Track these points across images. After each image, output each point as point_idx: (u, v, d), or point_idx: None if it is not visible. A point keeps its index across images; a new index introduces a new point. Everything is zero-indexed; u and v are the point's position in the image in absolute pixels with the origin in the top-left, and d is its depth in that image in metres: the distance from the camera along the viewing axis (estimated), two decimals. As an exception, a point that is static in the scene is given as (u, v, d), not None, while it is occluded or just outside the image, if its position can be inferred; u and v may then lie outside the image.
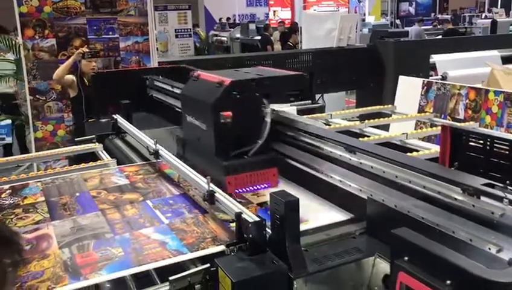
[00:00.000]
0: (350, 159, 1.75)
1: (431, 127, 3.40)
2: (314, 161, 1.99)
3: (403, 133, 2.83)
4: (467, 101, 3.67)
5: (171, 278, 1.40)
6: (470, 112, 3.65)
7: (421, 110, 3.94)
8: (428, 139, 3.29)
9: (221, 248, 1.51)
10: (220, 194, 1.73)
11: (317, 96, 5.67)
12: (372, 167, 1.63)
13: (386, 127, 3.56)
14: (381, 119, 3.39)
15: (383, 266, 1.45)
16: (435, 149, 2.51)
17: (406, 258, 0.95)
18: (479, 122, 3.47)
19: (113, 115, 3.13)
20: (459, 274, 0.85)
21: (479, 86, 3.87)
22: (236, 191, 2.04)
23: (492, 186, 1.23)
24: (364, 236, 1.63)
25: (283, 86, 2.29)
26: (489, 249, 1.19)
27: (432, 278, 0.89)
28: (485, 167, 1.57)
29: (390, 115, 3.64)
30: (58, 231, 1.68)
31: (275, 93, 2.17)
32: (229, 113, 2.00)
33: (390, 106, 3.79)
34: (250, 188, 2.09)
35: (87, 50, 4.53)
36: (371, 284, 1.48)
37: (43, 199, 2.00)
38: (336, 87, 5.68)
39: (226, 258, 1.47)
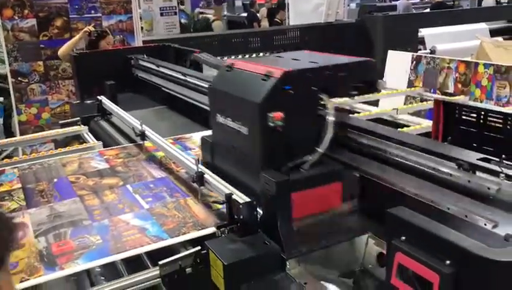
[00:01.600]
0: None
1: (421, 101, 3.38)
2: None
3: (394, 109, 2.81)
4: (457, 74, 3.64)
5: (161, 262, 1.37)
6: (459, 85, 3.62)
7: (410, 84, 3.91)
8: (418, 113, 3.27)
9: (211, 230, 1.48)
10: (209, 175, 1.68)
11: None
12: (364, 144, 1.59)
13: (375, 103, 3.53)
14: (371, 94, 3.36)
15: (377, 244, 1.43)
16: (426, 124, 2.49)
17: (403, 238, 0.92)
18: (468, 95, 3.45)
19: (98, 97, 3.07)
20: (458, 253, 0.82)
21: (469, 59, 3.84)
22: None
23: (488, 161, 1.20)
24: (356, 214, 1.61)
25: (348, 76, 1.71)
26: (485, 225, 1.17)
27: (430, 258, 0.86)
28: (479, 141, 1.54)
29: (380, 91, 3.61)
30: (34, 219, 1.63)
31: (336, 87, 1.68)
32: (280, 114, 1.53)
33: (379, 81, 3.76)
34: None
35: (93, 29, 4.41)
36: (364, 262, 1.46)
37: (19, 185, 1.94)
38: (324, 63, 5.63)
39: (217, 240, 1.44)
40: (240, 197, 1.48)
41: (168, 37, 6.36)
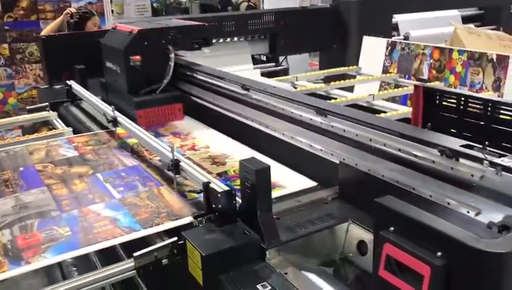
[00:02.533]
0: (321, 122, 1.67)
1: (395, 87, 3.39)
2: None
3: (370, 95, 2.80)
4: (431, 60, 3.65)
5: (135, 254, 1.31)
6: (434, 72, 3.64)
7: (385, 71, 3.91)
8: (392, 99, 3.28)
9: (187, 220, 1.43)
10: (185, 163, 1.63)
11: (281, 58, 5.54)
12: (344, 131, 1.56)
13: (350, 89, 3.52)
14: (347, 80, 3.35)
15: (357, 232, 1.41)
16: (402, 110, 2.49)
17: (392, 228, 0.90)
18: (443, 82, 3.47)
19: (67, 81, 2.97)
20: (450, 245, 0.79)
21: (443, 45, 3.86)
22: (148, 126, 2.39)
23: (471, 147, 1.18)
24: (336, 201, 1.58)
25: (186, 34, 2.64)
26: (468, 212, 1.16)
27: (421, 249, 0.84)
28: (459, 127, 1.53)
29: (355, 77, 3.60)
30: None
31: (179, 41, 2.59)
32: (138, 57, 2.44)
33: (355, 66, 3.75)
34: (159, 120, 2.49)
35: (75, 10, 4.24)
36: (344, 250, 1.44)
37: None
38: (299, 49, 5.57)
39: (194, 230, 1.40)
40: (218, 186, 1.44)
41: (139, 20, 6.19)
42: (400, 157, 1.37)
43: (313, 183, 1.70)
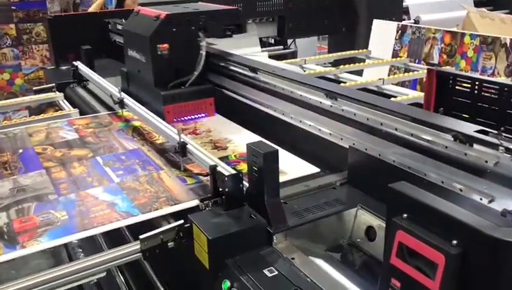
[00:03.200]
0: (331, 105, 1.64)
1: (405, 72, 3.34)
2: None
3: (380, 79, 2.75)
4: (442, 45, 3.59)
5: (141, 236, 1.30)
6: (444, 56, 3.58)
7: (395, 55, 3.85)
8: (401, 84, 3.22)
9: (189, 204, 1.41)
10: (192, 146, 1.61)
11: (289, 41, 5.48)
12: (355, 114, 1.53)
13: (359, 73, 3.47)
14: (356, 64, 3.30)
15: (366, 218, 1.39)
16: (413, 94, 2.44)
17: (405, 215, 0.87)
18: (454, 67, 3.41)
19: (74, 62, 2.94)
20: (467, 233, 0.77)
21: (455, 29, 3.78)
22: (175, 119, 2.18)
23: (486, 133, 1.15)
24: (345, 187, 1.56)
25: (218, 20, 2.35)
26: (481, 199, 1.13)
27: (435, 237, 0.81)
28: (472, 112, 1.50)
29: (364, 61, 3.54)
30: None
31: (210, 27, 2.30)
32: (166, 45, 2.17)
33: (364, 50, 3.70)
34: (188, 117, 2.22)
35: None
36: (352, 236, 1.42)
37: None
38: (308, 32, 5.50)
39: (201, 213, 1.38)
40: (225, 169, 1.41)
41: (146, 1, 6.12)
42: (412, 142, 1.34)
43: (316, 169, 1.67)
